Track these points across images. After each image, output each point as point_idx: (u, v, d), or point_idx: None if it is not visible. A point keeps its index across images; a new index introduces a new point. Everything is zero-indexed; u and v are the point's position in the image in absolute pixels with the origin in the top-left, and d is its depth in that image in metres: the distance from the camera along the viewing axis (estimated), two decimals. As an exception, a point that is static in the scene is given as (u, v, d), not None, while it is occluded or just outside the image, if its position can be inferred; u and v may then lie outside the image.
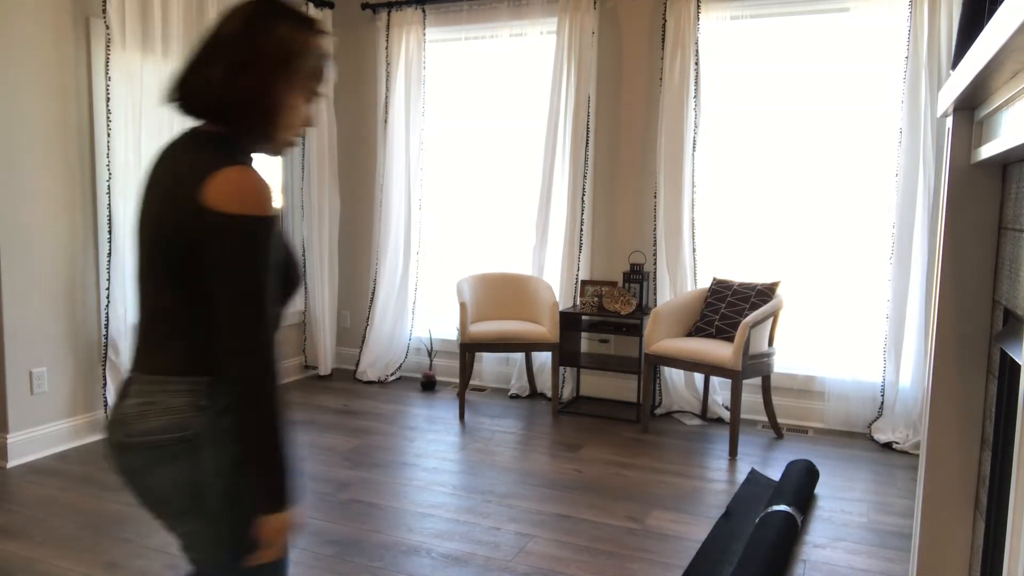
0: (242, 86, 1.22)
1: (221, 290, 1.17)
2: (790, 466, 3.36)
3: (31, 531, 2.81)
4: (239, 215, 1.15)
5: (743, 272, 4.36)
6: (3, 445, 3.45)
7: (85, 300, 3.77)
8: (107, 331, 3.76)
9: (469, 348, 4.33)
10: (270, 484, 1.20)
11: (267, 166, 5.07)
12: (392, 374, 5.14)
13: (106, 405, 3.80)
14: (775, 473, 3.52)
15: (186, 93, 1.25)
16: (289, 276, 1.32)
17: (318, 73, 1.30)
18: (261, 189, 1.18)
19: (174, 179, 1.21)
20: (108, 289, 3.74)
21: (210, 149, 1.22)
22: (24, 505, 3.04)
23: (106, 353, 3.77)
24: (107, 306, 3.74)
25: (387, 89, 5.00)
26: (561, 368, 4.63)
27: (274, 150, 1.32)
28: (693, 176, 4.31)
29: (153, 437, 1.21)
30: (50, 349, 3.61)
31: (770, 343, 3.97)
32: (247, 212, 1.16)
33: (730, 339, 3.98)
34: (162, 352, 1.24)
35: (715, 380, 4.41)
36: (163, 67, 3.90)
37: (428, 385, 4.96)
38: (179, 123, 4.01)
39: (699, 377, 4.47)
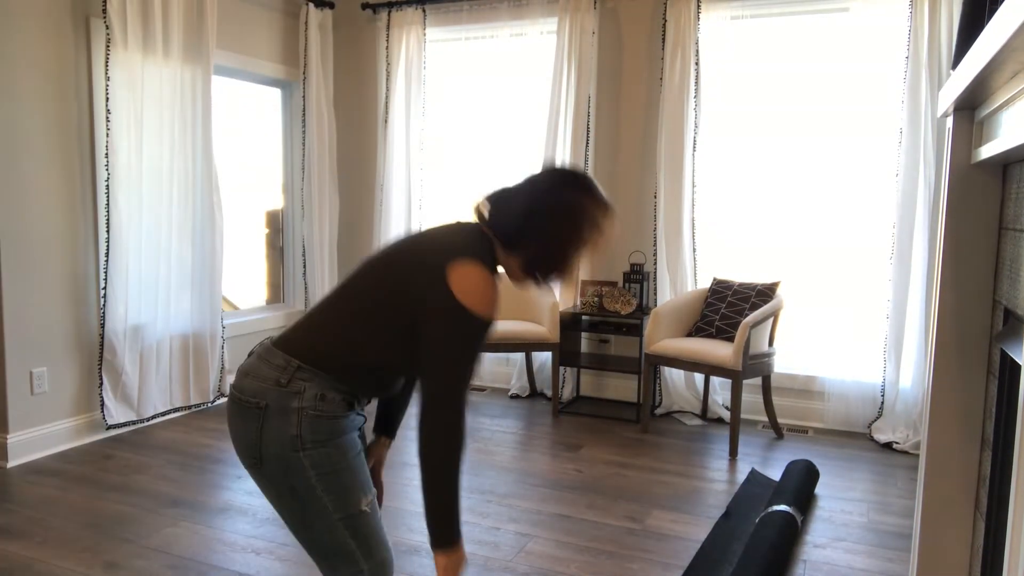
0: (534, 224, 1.49)
1: (431, 357, 1.40)
2: (790, 466, 3.36)
3: (31, 531, 2.81)
4: (466, 307, 1.39)
5: (743, 272, 4.36)
6: (3, 445, 3.45)
7: (85, 300, 3.76)
8: (103, 331, 3.76)
9: (469, 348, 4.32)
10: (443, 524, 1.42)
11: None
12: (392, 374, 5.14)
13: (103, 405, 3.80)
14: (775, 473, 3.52)
15: (492, 208, 1.53)
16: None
17: (591, 244, 1.54)
18: (492, 294, 1.42)
19: (437, 244, 1.46)
20: (105, 289, 3.74)
21: (476, 242, 1.47)
22: (24, 505, 3.04)
23: (102, 353, 3.77)
24: (104, 306, 3.74)
25: (387, 89, 5.00)
26: (561, 368, 4.62)
27: (520, 280, 1.57)
28: (693, 176, 4.31)
29: (242, 396, 1.44)
30: (50, 349, 3.61)
31: (770, 343, 3.97)
32: (474, 308, 1.39)
33: (730, 339, 3.98)
34: (291, 330, 1.50)
35: (715, 380, 4.41)
36: (163, 67, 3.90)
37: (428, 385, 4.95)
38: (179, 124, 4.01)
39: (699, 377, 4.47)
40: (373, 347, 1.45)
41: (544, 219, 1.49)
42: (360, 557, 1.48)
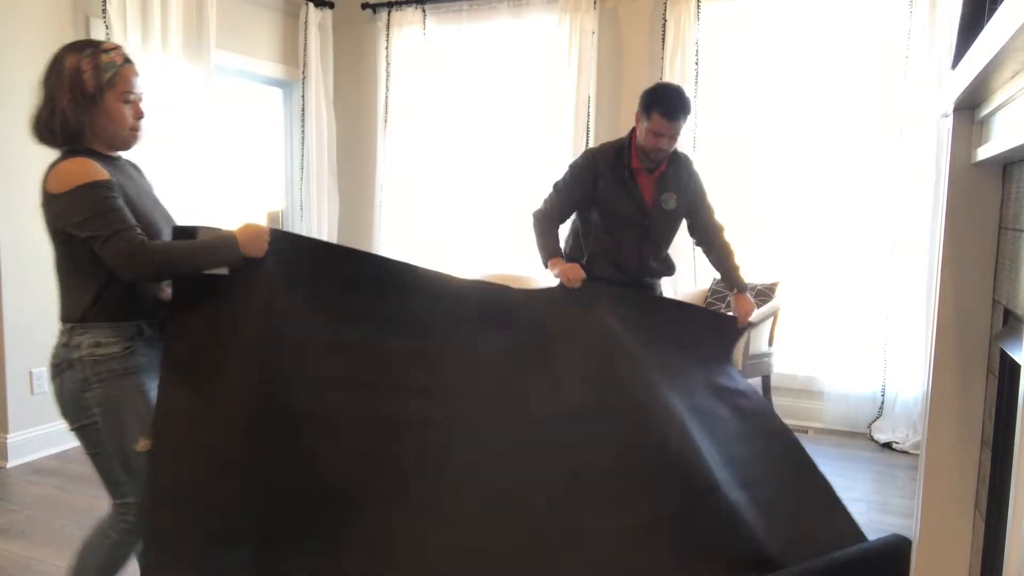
0: (59, 114, 1.75)
1: (96, 244, 1.69)
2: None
3: (31, 531, 2.81)
4: (71, 189, 1.68)
5: (743, 272, 4.34)
6: (3, 445, 3.45)
7: (85, 300, 3.76)
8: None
9: (469, 348, 4.31)
10: (211, 259, 1.78)
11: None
12: (392, 374, 5.13)
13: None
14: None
15: None
16: None
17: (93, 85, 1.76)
18: (78, 167, 1.69)
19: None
20: (108, 289, 3.74)
21: (60, 157, 1.77)
22: (24, 505, 3.04)
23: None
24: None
25: (387, 89, 5.00)
26: (561, 368, 4.61)
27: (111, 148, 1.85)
28: (693, 176, 4.30)
29: (50, 364, 1.80)
30: (50, 349, 3.60)
31: (770, 343, 3.96)
32: (76, 183, 1.68)
33: (730, 339, 3.98)
34: (60, 304, 1.81)
35: (715, 380, 4.41)
36: (163, 67, 3.90)
37: (428, 385, 4.94)
38: (179, 124, 4.01)
39: (699, 377, 4.47)
40: (81, 278, 1.74)
41: (61, 104, 1.71)
42: (128, 491, 1.80)
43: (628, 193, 2.81)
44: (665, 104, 2.61)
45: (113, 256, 1.66)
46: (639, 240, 2.87)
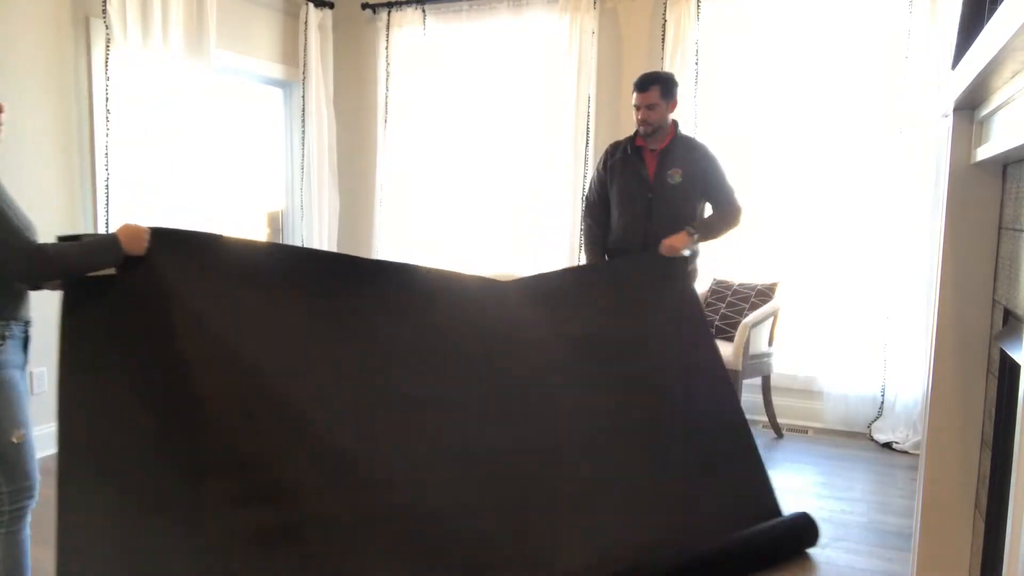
0: None
1: None
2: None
3: (33, 531, 2.80)
4: None
5: (743, 272, 4.35)
6: (3, 445, 3.45)
7: (85, 300, 3.76)
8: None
9: (469, 348, 4.32)
10: (98, 258, 1.89)
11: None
12: (392, 374, 5.13)
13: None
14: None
15: None
16: None
17: None
18: None
19: None
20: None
21: None
22: (24, 505, 3.03)
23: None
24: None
25: (387, 89, 5.00)
26: (561, 368, 4.61)
27: None
28: (693, 176, 4.31)
29: None
30: (50, 349, 3.60)
31: (770, 343, 3.97)
32: None
33: (730, 339, 3.98)
34: None
35: (715, 380, 4.41)
36: (163, 68, 3.90)
37: (428, 385, 4.94)
38: (179, 124, 4.01)
39: (699, 377, 4.46)
40: None
41: None
42: (1, 480, 1.85)
43: (632, 167, 3.17)
44: (637, 80, 3.10)
45: (12, 260, 1.74)
46: (645, 214, 3.15)
